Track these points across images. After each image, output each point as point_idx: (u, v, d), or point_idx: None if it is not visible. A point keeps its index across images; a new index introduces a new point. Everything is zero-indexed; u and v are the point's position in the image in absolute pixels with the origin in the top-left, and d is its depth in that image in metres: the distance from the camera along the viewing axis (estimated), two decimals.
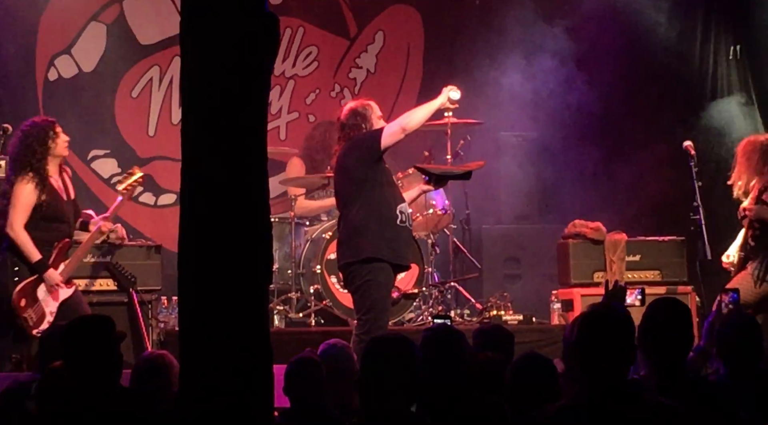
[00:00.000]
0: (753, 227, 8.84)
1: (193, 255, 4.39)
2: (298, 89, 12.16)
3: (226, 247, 4.33)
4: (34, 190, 8.49)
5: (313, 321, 10.08)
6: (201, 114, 4.40)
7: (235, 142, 4.37)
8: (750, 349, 5.73)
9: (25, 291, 8.48)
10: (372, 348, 4.79)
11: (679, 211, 10.15)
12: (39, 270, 8.50)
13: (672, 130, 10.99)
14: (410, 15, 12.43)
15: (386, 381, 4.63)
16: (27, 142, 8.55)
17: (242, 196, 4.38)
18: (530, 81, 11.71)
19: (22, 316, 8.45)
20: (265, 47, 4.46)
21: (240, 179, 4.37)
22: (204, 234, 4.36)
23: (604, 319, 4.53)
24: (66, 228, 8.69)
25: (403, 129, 8.03)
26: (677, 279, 10.31)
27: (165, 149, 11.45)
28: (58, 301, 8.55)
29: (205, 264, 4.35)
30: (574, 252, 10.37)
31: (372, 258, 7.93)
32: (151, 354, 6.19)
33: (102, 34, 11.53)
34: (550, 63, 11.68)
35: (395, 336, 4.87)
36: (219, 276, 4.33)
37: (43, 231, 8.56)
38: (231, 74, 4.37)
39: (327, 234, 10.01)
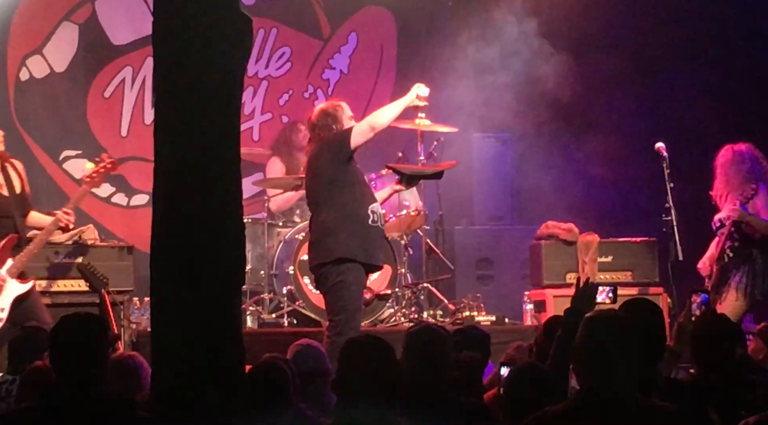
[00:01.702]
0: (732, 238, 8.84)
1: (166, 256, 4.37)
2: (271, 90, 12.15)
3: (199, 248, 4.32)
4: None
5: (286, 321, 10.07)
6: (174, 115, 4.39)
7: (208, 142, 4.36)
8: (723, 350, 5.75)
9: None
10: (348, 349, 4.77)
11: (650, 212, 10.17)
12: None
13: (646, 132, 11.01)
14: (383, 16, 12.44)
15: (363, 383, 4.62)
16: None
17: (215, 197, 4.37)
18: (504, 81, 11.72)
19: None
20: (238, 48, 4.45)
21: (213, 180, 4.36)
22: (176, 235, 4.34)
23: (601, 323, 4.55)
24: (9, 223, 8.50)
25: (372, 127, 8.03)
26: (649, 280, 10.34)
27: (138, 150, 11.41)
28: (10, 297, 8.37)
29: (177, 265, 4.34)
30: (547, 253, 10.38)
31: (344, 259, 7.92)
32: (121, 356, 6.15)
33: (74, 34, 11.49)
34: (524, 63, 11.70)
35: (371, 338, 4.86)
36: (191, 278, 4.32)
37: None
38: (204, 75, 4.36)
39: (300, 235, 9.99)
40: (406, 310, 10.26)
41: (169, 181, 4.38)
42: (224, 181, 4.39)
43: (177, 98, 4.38)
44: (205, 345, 4.29)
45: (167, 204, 4.38)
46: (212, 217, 4.34)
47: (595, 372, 4.46)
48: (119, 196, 11.63)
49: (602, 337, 4.50)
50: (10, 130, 10.67)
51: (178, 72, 4.38)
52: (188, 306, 4.30)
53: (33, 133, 11.32)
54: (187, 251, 4.31)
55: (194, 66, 4.35)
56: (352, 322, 7.90)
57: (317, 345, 6.30)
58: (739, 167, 8.95)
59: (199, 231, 4.31)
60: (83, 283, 9.24)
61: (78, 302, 9.01)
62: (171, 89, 4.40)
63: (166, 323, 4.38)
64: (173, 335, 4.34)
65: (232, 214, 4.41)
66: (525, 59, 11.71)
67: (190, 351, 4.29)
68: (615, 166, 11.70)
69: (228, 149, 4.42)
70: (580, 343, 4.55)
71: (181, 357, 4.30)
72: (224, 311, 4.35)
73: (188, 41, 4.35)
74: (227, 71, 4.42)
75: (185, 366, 4.29)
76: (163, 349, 4.37)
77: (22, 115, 11.30)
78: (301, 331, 9.31)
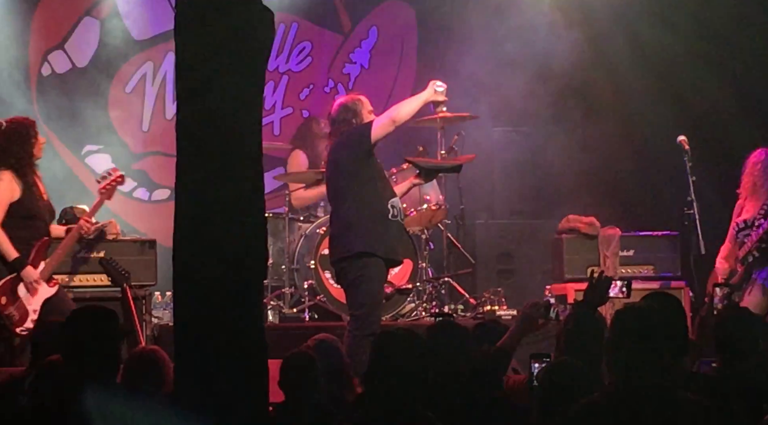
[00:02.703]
0: (761, 240, 8.81)
1: (188, 251, 4.38)
2: (291, 84, 12.15)
3: (221, 243, 4.32)
4: (12, 188, 8.48)
5: (307, 316, 10.06)
6: (195, 109, 4.39)
7: (229, 137, 4.36)
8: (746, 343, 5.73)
9: (4, 289, 8.46)
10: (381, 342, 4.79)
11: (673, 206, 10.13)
12: (17, 268, 8.48)
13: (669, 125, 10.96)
14: (403, 10, 12.42)
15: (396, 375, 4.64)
16: (11, 139, 8.54)
17: (237, 191, 4.36)
18: (525, 75, 11.70)
19: (3, 314, 8.43)
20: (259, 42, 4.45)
21: (234, 175, 4.36)
22: (198, 229, 4.35)
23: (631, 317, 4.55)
24: (44, 226, 8.69)
25: (393, 120, 8.02)
26: (671, 274, 10.30)
27: (159, 144, 11.44)
28: (41, 299, 8.52)
29: (199, 259, 4.34)
30: (568, 247, 10.36)
31: (364, 253, 7.92)
32: (143, 350, 6.16)
33: (95, 29, 11.51)
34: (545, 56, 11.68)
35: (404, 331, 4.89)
36: (213, 272, 4.32)
37: (21, 229, 8.54)
38: (225, 70, 4.36)
39: (321, 230, 10.00)
40: (427, 305, 10.24)
41: (190, 176, 4.38)
42: (246, 176, 4.39)
43: (198, 93, 4.38)
44: (226, 339, 4.29)
45: (189, 198, 4.39)
46: (234, 212, 4.34)
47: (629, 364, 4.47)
48: (141, 191, 11.66)
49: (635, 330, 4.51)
50: None
51: (199, 67, 4.37)
52: (210, 300, 4.30)
53: (55, 128, 11.35)
54: (208, 245, 4.32)
55: (215, 61, 4.35)
56: (373, 317, 7.90)
57: (335, 340, 6.31)
58: None
59: (220, 226, 4.32)
60: (105, 278, 9.27)
61: (100, 296, 9.04)
62: (192, 84, 4.40)
63: (188, 317, 4.38)
64: (195, 329, 4.34)
65: (254, 209, 4.41)
66: (546, 52, 11.68)
67: (212, 346, 4.29)
68: (637, 159, 11.66)
69: (249, 144, 4.42)
70: (613, 336, 4.56)
71: (202, 351, 4.30)
72: (245, 305, 4.35)
73: (209, 36, 4.35)
74: (248, 66, 4.41)
75: (207, 360, 4.29)
76: (185, 344, 4.37)
77: (43, 110, 11.34)
78: (322, 326, 9.30)
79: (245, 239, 4.35)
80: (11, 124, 8.63)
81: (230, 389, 4.28)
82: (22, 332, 8.46)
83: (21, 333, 8.46)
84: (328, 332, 6.74)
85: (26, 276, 8.49)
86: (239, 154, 4.37)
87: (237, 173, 4.36)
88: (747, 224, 8.93)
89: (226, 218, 4.32)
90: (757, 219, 8.86)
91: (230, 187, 4.35)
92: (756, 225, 8.85)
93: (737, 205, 9.15)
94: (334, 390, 5.93)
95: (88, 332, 4.96)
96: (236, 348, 4.30)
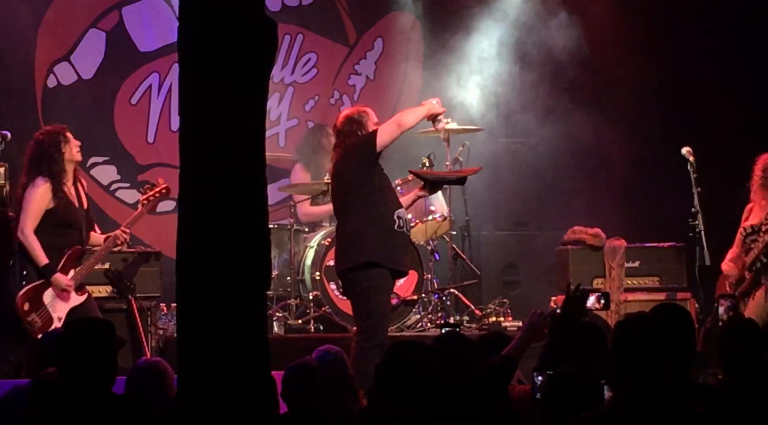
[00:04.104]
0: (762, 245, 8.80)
1: (192, 262, 4.38)
2: (297, 96, 12.16)
3: (225, 254, 4.32)
4: (45, 195, 8.52)
5: (312, 327, 10.07)
6: (199, 121, 4.40)
7: (233, 148, 4.37)
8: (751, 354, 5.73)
9: (28, 294, 8.48)
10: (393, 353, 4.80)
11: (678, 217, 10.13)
12: (46, 275, 8.50)
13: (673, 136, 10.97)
14: (409, 22, 12.43)
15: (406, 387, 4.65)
16: (42, 148, 8.60)
17: (240, 202, 4.37)
18: (530, 88, 11.72)
19: (25, 320, 8.45)
20: (263, 54, 4.45)
21: (238, 186, 4.36)
22: (202, 241, 4.35)
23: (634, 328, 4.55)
24: (77, 235, 8.70)
25: (399, 125, 8.03)
26: (676, 286, 10.29)
27: (164, 156, 11.45)
28: (68, 307, 8.54)
29: (203, 271, 4.35)
30: (574, 258, 10.36)
31: (370, 264, 7.92)
32: (147, 362, 6.18)
33: (101, 41, 11.53)
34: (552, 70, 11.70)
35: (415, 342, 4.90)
36: (217, 283, 4.32)
37: (54, 236, 8.57)
38: (229, 81, 4.37)
39: (326, 241, 10.01)
40: (432, 316, 10.25)
41: (194, 187, 4.39)
42: (249, 187, 4.39)
43: (202, 104, 4.39)
44: (230, 350, 4.29)
45: (193, 210, 4.39)
46: (238, 223, 4.34)
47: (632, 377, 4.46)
48: None
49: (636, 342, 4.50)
50: None
51: (204, 78, 4.38)
52: (214, 311, 4.31)
53: None
54: (212, 257, 4.32)
55: (220, 72, 4.36)
56: (381, 328, 7.91)
57: (339, 351, 6.31)
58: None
59: (224, 237, 4.32)
60: (111, 289, 9.29)
61: (106, 308, 9.06)
62: (196, 95, 4.41)
63: (192, 329, 4.38)
64: (199, 340, 4.34)
65: (258, 220, 4.41)
66: (553, 65, 11.70)
67: (216, 357, 4.29)
68: (642, 170, 11.66)
69: (253, 155, 4.42)
70: (615, 349, 4.56)
71: (206, 362, 4.30)
72: (250, 317, 4.36)
73: (214, 47, 4.36)
74: (253, 77, 4.42)
75: (211, 371, 4.29)
76: (189, 355, 4.38)
77: (49, 122, 11.29)
78: (327, 337, 9.31)
79: (249, 250, 4.35)
80: (42, 134, 8.68)
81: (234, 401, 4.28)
82: None
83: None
84: (334, 343, 6.73)
85: (56, 283, 8.52)
86: (243, 165, 4.37)
87: (240, 184, 4.36)
88: (754, 229, 8.92)
89: (229, 229, 4.33)
90: (764, 224, 8.84)
91: (234, 198, 4.35)
92: (764, 231, 8.83)
93: (746, 209, 9.13)
94: (338, 401, 5.93)
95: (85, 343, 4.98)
96: (240, 359, 4.30)
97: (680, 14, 11.76)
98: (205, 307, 4.33)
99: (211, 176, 4.35)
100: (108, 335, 5.13)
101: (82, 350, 4.98)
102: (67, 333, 5.15)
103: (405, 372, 4.73)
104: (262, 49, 4.45)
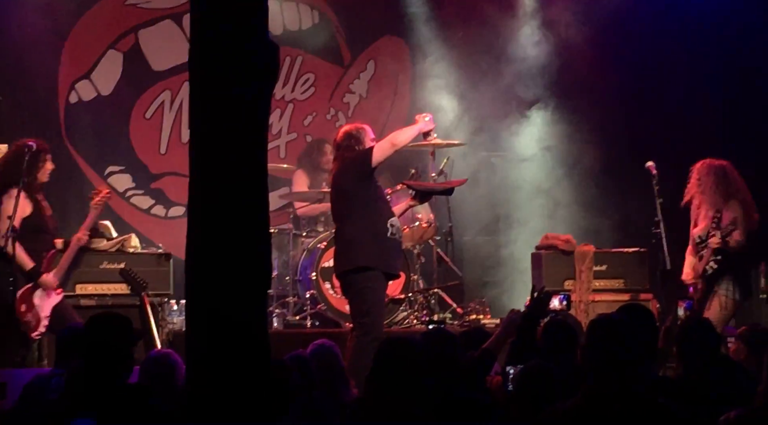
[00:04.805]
0: (714, 254, 8.78)
1: (199, 263, 4.38)
2: (296, 112, 12.16)
3: (229, 255, 4.32)
4: (23, 204, 8.46)
5: (309, 323, 10.07)
6: (207, 134, 4.40)
7: (238, 159, 4.37)
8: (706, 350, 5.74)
9: (24, 297, 8.49)
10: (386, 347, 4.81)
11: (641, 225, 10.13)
12: (34, 277, 8.49)
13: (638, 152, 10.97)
14: (399, 45, 12.44)
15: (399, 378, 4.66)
16: (19, 160, 8.50)
17: (244, 209, 4.37)
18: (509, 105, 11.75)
19: (24, 321, 8.44)
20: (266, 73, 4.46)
21: (242, 194, 4.37)
22: (209, 243, 4.35)
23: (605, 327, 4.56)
24: (50, 239, 8.75)
25: (392, 144, 8.05)
26: (639, 288, 10.30)
27: (175, 166, 11.44)
28: (51, 305, 8.56)
29: (210, 271, 4.35)
30: (547, 262, 10.37)
31: (366, 267, 7.93)
32: (158, 353, 6.18)
33: (119, 60, 11.53)
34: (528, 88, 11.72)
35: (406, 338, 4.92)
36: (223, 282, 4.32)
37: (32, 242, 8.56)
38: (235, 98, 4.37)
39: (322, 245, 10.00)
40: (418, 313, 10.25)
41: (202, 194, 4.39)
42: (253, 194, 4.39)
43: (211, 119, 4.39)
44: (234, 343, 4.29)
45: (201, 215, 4.39)
46: (241, 227, 4.34)
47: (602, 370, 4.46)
48: (158, 208, 11.67)
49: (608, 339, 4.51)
50: (60, 147, 10.77)
51: (212, 95, 4.39)
52: (219, 308, 4.31)
53: (81, 150, 11.37)
54: (218, 258, 4.32)
55: (227, 90, 4.36)
56: (377, 324, 7.93)
57: (332, 345, 6.31)
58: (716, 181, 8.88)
59: (229, 240, 4.32)
60: (125, 287, 9.27)
61: (121, 304, 9.04)
62: (205, 111, 4.41)
63: (199, 323, 4.38)
64: (205, 334, 4.34)
65: (260, 224, 4.41)
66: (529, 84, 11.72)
67: (221, 350, 4.29)
68: (609, 182, 11.66)
69: (256, 165, 4.42)
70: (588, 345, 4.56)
71: (212, 354, 4.30)
72: (252, 313, 4.36)
73: (221, 67, 4.36)
74: (256, 95, 4.43)
75: (216, 362, 4.29)
76: (196, 347, 4.38)
77: (71, 134, 11.36)
78: (322, 332, 9.31)
79: (252, 252, 4.35)
80: (23, 147, 8.56)
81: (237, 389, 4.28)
82: (37, 336, 8.50)
83: (36, 337, 8.50)
84: (328, 337, 6.73)
85: (45, 284, 8.52)
86: (247, 174, 4.38)
87: (244, 192, 4.37)
88: (701, 238, 8.90)
89: (234, 233, 4.33)
90: (711, 230, 8.81)
91: (238, 204, 4.35)
92: (709, 239, 8.80)
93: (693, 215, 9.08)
94: (332, 390, 5.93)
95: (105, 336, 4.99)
96: (243, 351, 4.30)
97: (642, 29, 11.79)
98: (212, 304, 4.33)
99: (218, 184, 4.35)
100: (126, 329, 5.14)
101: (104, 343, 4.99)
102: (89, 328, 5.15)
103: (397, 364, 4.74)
104: (266, 69, 4.45)
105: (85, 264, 9.14)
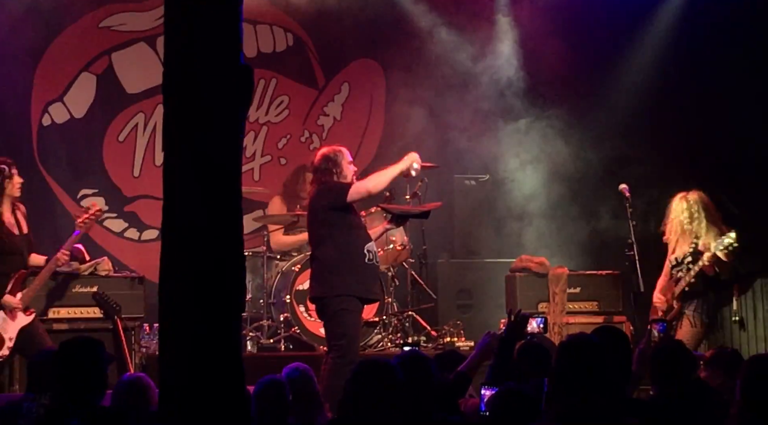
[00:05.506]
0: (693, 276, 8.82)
1: (173, 286, 4.36)
2: (270, 134, 12.16)
3: (203, 279, 4.31)
4: None
5: (282, 346, 10.04)
6: (181, 157, 4.39)
7: (212, 182, 4.36)
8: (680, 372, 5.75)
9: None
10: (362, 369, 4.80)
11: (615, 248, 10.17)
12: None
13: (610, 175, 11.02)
14: (372, 67, 12.48)
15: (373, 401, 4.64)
16: None
17: (218, 231, 4.36)
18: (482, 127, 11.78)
19: None
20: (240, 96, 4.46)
21: (216, 216, 4.36)
22: (183, 266, 4.33)
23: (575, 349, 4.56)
24: (20, 259, 8.60)
25: (368, 190, 8.05)
26: (613, 310, 10.34)
27: (149, 189, 11.41)
28: (17, 327, 8.43)
29: (183, 294, 4.33)
30: (521, 284, 10.39)
31: (344, 295, 7.90)
32: (131, 377, 6.14)
33: (92, 83, 11.51)
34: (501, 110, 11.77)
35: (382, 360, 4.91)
36: (196, 305, 4.30)
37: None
38: (209, 120, 4.36)
39: (296, 267, 9.99)
40: (392, 336, 10.24)
41: (176, 217, 4.37)
42: (226, 217, 4.38)
43: (184, 142, 4.38)
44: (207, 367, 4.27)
45: (174, 238, 4.38)
46: (215, 250, 4.33)
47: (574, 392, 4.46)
48: (131, 231, 11.62)
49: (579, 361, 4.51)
50: (33, 170, 10.73)
51: (186, 118, 4.38)
52: (193, 331, 4.29)
53: (53, 173, 11.32)
54: (192, 281, 4.30)
55: (200, 112, 4.36)
56: (353, 346, 7.90)
57: (307, 368, 6.29)
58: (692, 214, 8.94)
59: (202, 263, 4.31)
60: (98, 311, 9.22)
61: (93, 328, 9.00)
62: (179, 133, 4.40)
63: (172, 347, 4.36)
64: (179, 358, 4.32)
65: (233, 247, 4.40)
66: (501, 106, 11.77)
67: (194, 373, 4.27)
68: (582, 205, 11.69)
69: (230, 188, 4.42)
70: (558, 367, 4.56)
71: (185, 378, 4.28)
72: (225, 336, 4.34)
73: (195, 90, 4.36)
74: (230, 117, 4.42)
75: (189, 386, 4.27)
76: (170, 371, 4.35)
77: (43, 157, 11.31)
78: (296, 355, 9.28)
79: (225, 275, 4.34)
80: None
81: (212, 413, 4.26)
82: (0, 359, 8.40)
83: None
84: (302, 361, 6.71)
85: (6, 304, 8.41)
86: (220, 198, 4.37)
87: (218, 215, 4.36)
88: (678, 261, 8.94)
89: (207, 256, 4.32)
90: (687, 257, 8.87)
91: (212, 227, 4.34)
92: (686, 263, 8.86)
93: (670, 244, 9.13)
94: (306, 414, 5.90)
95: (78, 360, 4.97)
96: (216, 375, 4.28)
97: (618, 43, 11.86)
98: (185, 327, 4.31)
99: (192, 207, 4.34)
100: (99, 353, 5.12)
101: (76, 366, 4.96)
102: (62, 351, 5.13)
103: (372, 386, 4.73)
104: (239, 91, 4.45)
105: (57, 288, 9.09)
